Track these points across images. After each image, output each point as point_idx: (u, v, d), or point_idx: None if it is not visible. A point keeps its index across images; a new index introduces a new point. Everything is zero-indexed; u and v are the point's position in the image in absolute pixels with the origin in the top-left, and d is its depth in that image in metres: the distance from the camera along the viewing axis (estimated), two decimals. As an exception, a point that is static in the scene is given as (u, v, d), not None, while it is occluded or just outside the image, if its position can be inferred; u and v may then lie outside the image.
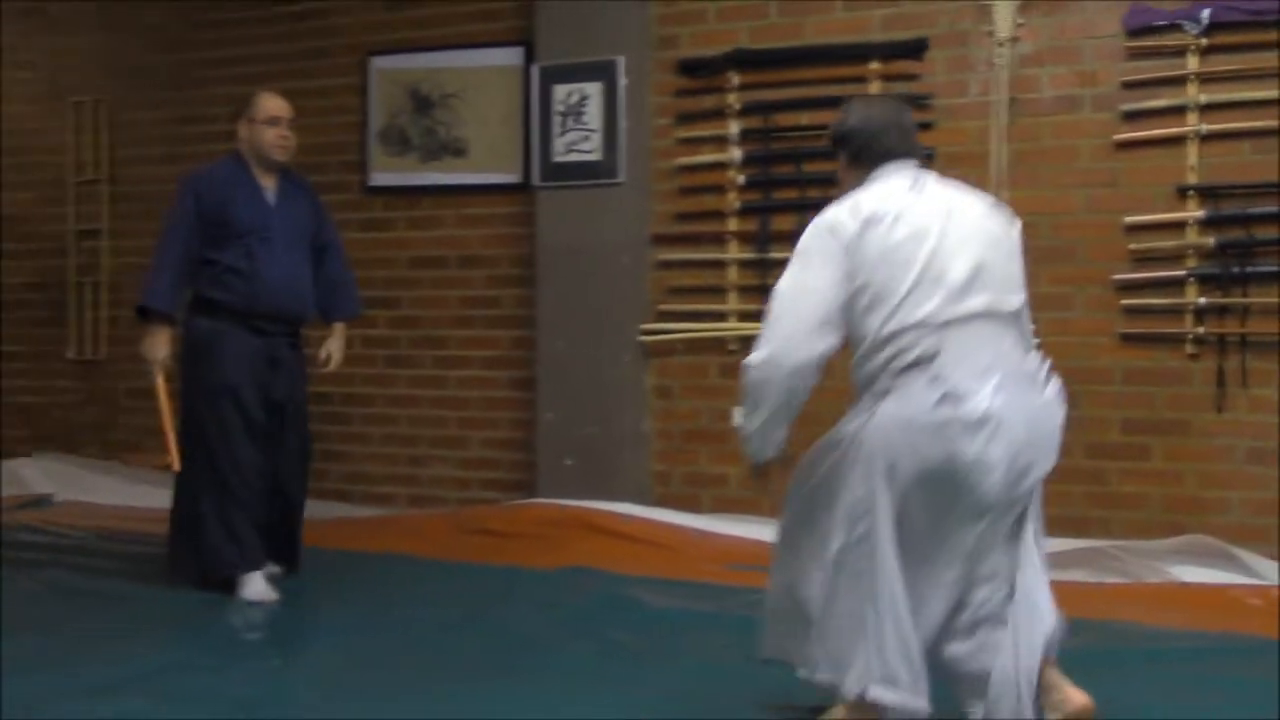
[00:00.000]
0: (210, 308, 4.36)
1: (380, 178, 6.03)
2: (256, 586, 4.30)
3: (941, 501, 2.62)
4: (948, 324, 2.62)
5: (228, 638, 4.01)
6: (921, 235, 2.67)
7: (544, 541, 5.07)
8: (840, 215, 2.73)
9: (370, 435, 6.14)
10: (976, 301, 2.66)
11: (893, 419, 2.62)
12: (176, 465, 4.33)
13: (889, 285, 2.64)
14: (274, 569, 4.48)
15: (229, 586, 4.30)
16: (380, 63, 6.02)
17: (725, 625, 3.98)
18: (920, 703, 2.60)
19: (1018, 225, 2.92)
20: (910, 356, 2.62)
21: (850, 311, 2.69)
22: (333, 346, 4.67)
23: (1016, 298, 2.79)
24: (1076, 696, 2.73)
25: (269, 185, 4.48)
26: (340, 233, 5.97)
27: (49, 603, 4.36)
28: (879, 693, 2.59)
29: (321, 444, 6.14)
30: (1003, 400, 2.59)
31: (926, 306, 2.62)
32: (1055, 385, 2.75)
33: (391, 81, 5.99)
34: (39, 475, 6.52)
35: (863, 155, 2.88)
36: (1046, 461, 2.71)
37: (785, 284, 2.73)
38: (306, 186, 4.72)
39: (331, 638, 3.99)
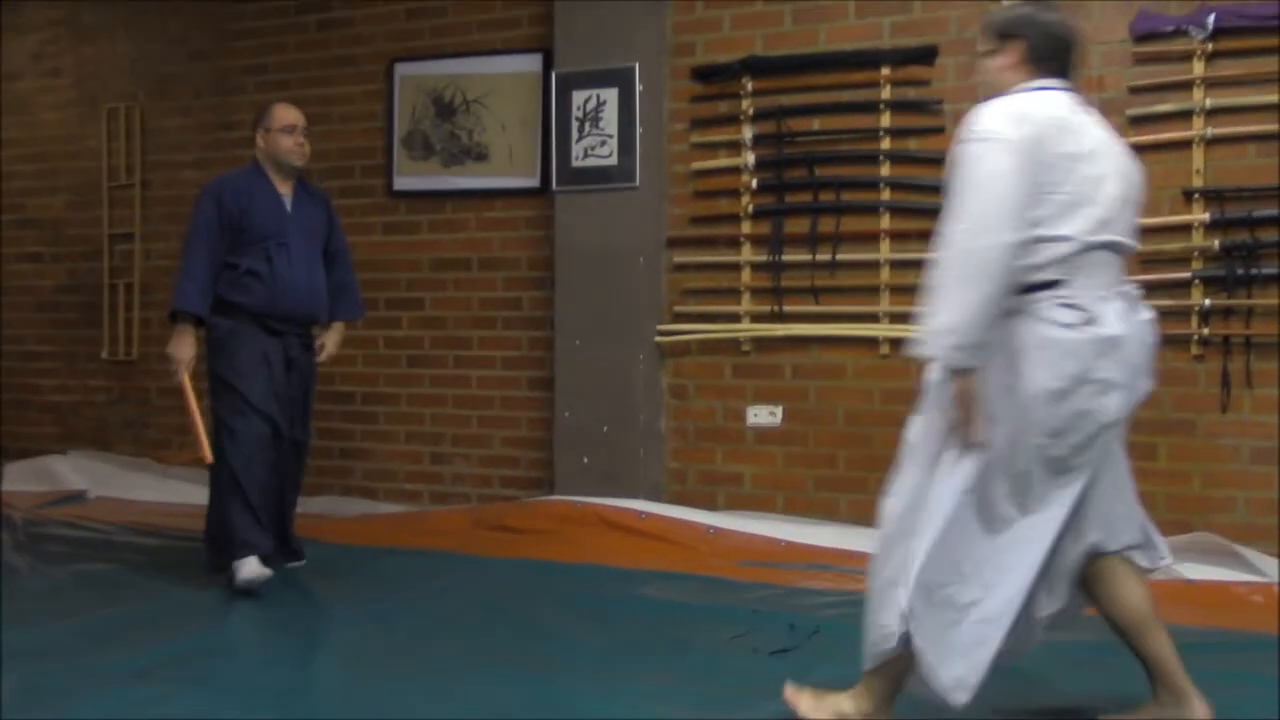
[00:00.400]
0: (230, 309, 4.54)
1: (404, 182, 6.16)
2: (251, 567, 4.41)
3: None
4: (1087, 247, 2.70)
5: (256, 627, 4.16)
6: (1087, 156, 2.72)
7: (561, 537, 5.19)
8: (1023, 110, 2.72)
9: (394, 434, 6.27)
10: (1113, 232, 2.75)
11: (1032, 339, 2.67)
12: (209, 456, 4.48)
13: (1043, 192, 2.67)
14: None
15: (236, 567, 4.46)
16: (404, 69, 6.15)
17: (734, 619, 4.09)
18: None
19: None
20: (1042, 274, 2.69)
21: None
22: (328, 339, 4.86)
23: (1134, 238, 2.87)
24: (1200, 709, 2.87)
25: (286, 192, 4.67)
26: (365, 235, 6.22)
27: (83, 593, 4.51)
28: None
29: (346, 442, 6.33)
30: (1124, 324, 2.72)
31: (1074, 224, 2.68)
32: (1148, 309, 2.86)
33: (415, 88, 6.12)
34: (74, 472, 6.69)
35: (1043, 57, 2.86)
36: (1149, 382, 2.85)
37: (976, 171, 2.68)
38: (320, 194, 4.93)
39: (354, 628, 4.10)
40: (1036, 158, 2.66)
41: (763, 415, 5.42)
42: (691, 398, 5.56)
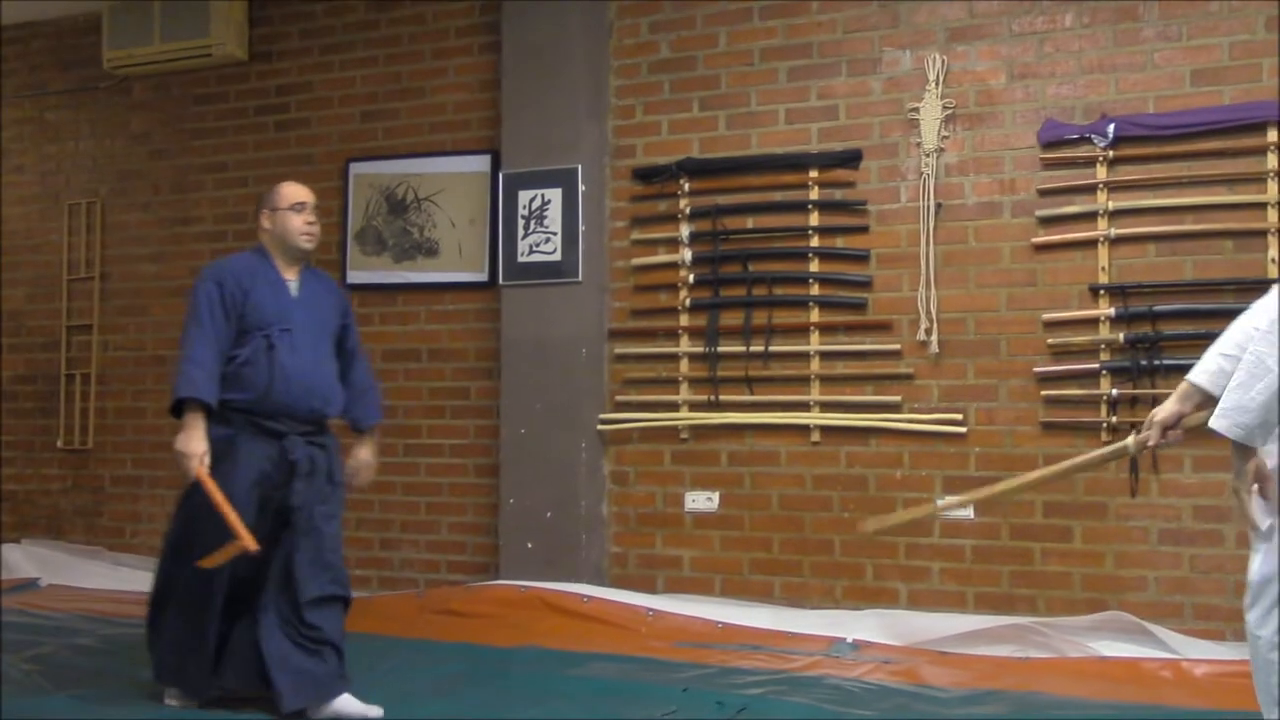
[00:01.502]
0: (222, 413, 4.01)
1: (357, 275, 6.38)
2: (173, 694, 4.18)
3: None
4: None
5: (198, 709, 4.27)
6: None
7: (505, 621, 5.33)
8: None
9: (345, 520, 6.38)
10: None
11: None
12: (253, 543, 3.82)
13: None
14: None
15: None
16: (358, 168, 6.40)
17: (667, 698, 4.25)
18: None
19: None
20: None
21: None
22: (364, 456, 4.41)
23: None
24: None
25: (291, 277, 4.23)
26: None
27: (35, 678, 4.61)
28: None
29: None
30: None
31: None
32: None
33: (368, 185, 6.38)
34: (27, 560, 6.78)
35: None
36: None
37: None
38: (330, 282, 4.47)
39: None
40: None
41: (700, 500, 5.62)
42: (632, 484, 5.76)
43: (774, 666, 4.70)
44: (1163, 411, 3.06)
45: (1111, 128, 4.94)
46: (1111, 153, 4.97)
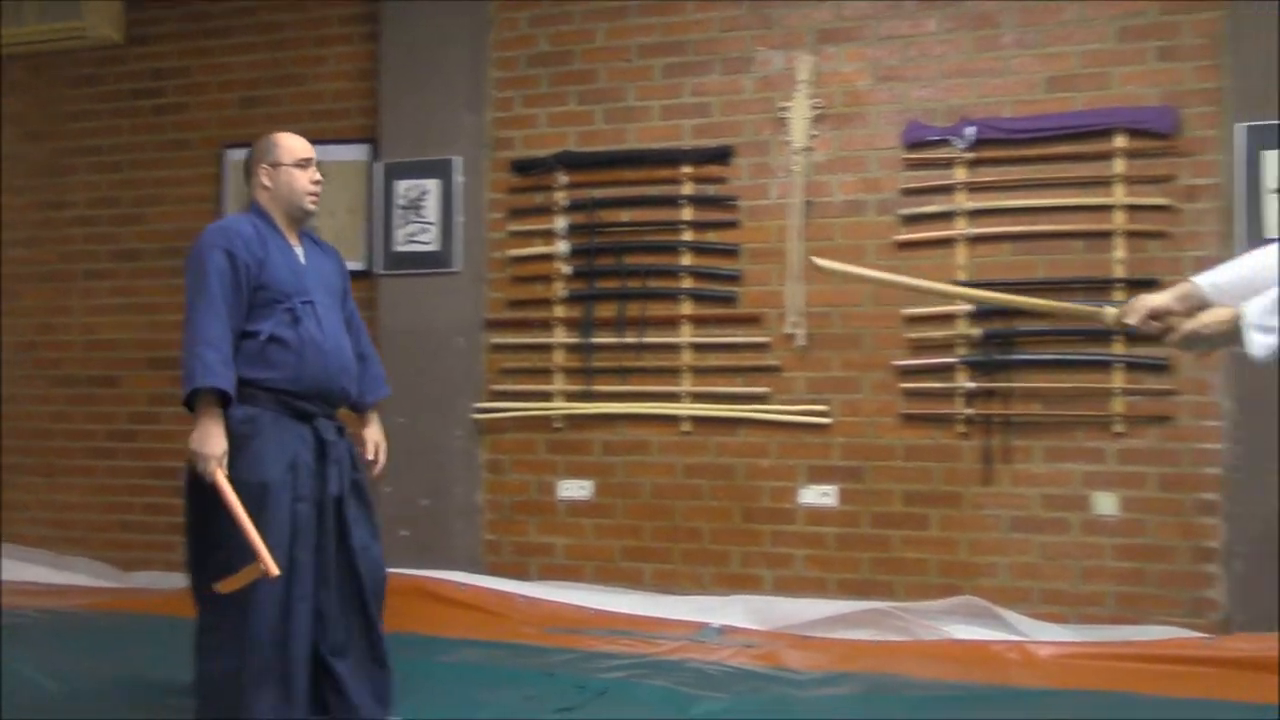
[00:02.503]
0: (246, 391, 3.49)
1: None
2: None
3: None
4: None
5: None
6: None
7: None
8: None
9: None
10: None
11: None
12: (274, 567, 3.28)
13: None
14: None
15: None
16: (235, 154, 6.34)
17: (531, 681, 4.34)
18: None
19: None
20: None
21: None
22: (376, 436, 4.01)
23: None
24: None
25: (295, 243, 3.72)
26: None
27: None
28: None
29: (172, 517, 6.39)
30: None
31: None
32: None
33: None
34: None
35: None
36: None
37: None
38: (329, 247, 3.96)
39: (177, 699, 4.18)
40: None
41: (573, 489, 5.71)
42: (507, 472, 5.82)
43: (640, 651, 4.81)
44: (1155, 300, 2.95)
45: (971, 130, 5.12)
46: (970, 154, 5.15)
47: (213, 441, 3.37)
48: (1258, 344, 2.68)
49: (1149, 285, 4.90)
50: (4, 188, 6.88)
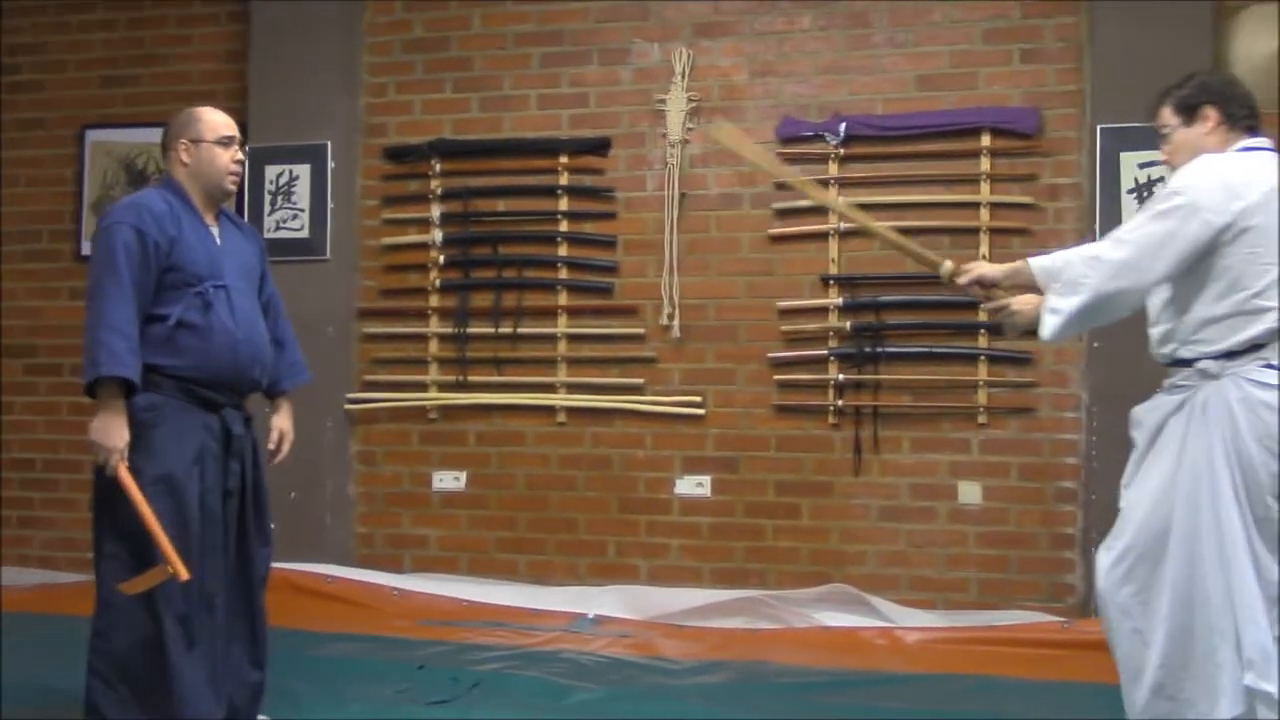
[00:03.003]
0: (151, 378, 3.28)
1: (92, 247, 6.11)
2: None
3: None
4: None
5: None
6: None
7: (245, 602, 5.24)
8: (1235, 179, 2.82)
9: (78, 501, 6.14)
10: None
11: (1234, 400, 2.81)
12: (184, 571, 3.17)
13: (1260, 262, 2.80)
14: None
15: None
16: (95, 135, 6.14)
17: (403, 675, 4.29)
18: None
19: None
20: (1244, 338, 2.83)
21: (1193, 278, 2.85)
22: (284, 425, 3.79)
23: None
24: None
25: (211, 223, 3.51)
26: (51, 300, 6.16)
27: None
28: None
29: (25, 510, 6.17)
30: None
31: None
32: None
33: (106, 154, 6.13)
34: None
35: (1238, 117, 2.95)
36: None
37: (1157, 226, 2.81)
38: (247, 227, 3.79)
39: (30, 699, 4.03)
40: (1248, 231, 2.80)
41: (448, 480, 5.66)
42: (379, 464, 5.74)
43: (515, 643, 4.79)
44: (988, 269, 3.22)
45: (843, 127, 5.21)
46: (843, 150, 5.24)
47: (115, 433, 3.20)
48: (1046, 324, 2.95)
49: (1012, 281, 5.07)
50: None
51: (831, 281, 5.24)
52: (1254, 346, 2.82)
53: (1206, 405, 2.84)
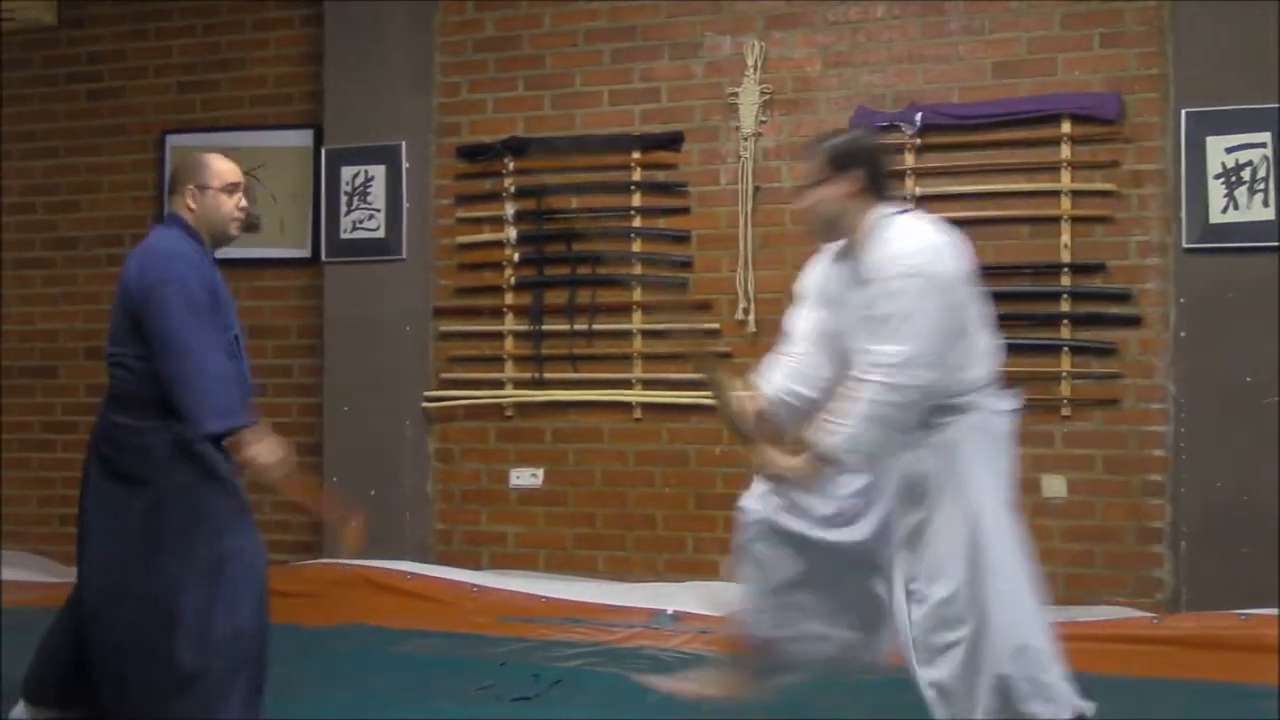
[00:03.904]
0: (184, 441, 3.28)
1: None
2: None
3: None
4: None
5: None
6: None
7: (326, 600, 5.29)
8: (944, 245, 3.03)
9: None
10: None
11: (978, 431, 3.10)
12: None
13: (968, 325, 3.07)
14: None
15: None
16: (175, 140, 6.23)
17: (485, 672, 4.31)
18: None
19: None
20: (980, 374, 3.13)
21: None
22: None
23: None
24: None
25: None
26: None
27: None
28: None
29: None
30: None
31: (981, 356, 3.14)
32: None
33: (185, 158, 6.19)
34: None
35: (879, 184, 3.12)
36: None
37: (916, 309, 2.93)
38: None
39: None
40: (960, 295, 3.02)
41: (525, 477, 5.68)
42: (457, 461, 5.77)
43: (594, 639, 4.79)
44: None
45: (919, 116, 5.14)
46: (919, 141, 5.17)
47: (274, 450, 3.35)
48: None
49: (1095, 270, 5.00)
50: (-66, 175, 6.69)
51: (909, 274, 5.17)
52: (985, 382, 3.13)
53: (958, 435, 3.07)
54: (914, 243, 3.00)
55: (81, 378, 6.37)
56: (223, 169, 3.54)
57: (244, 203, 3.57)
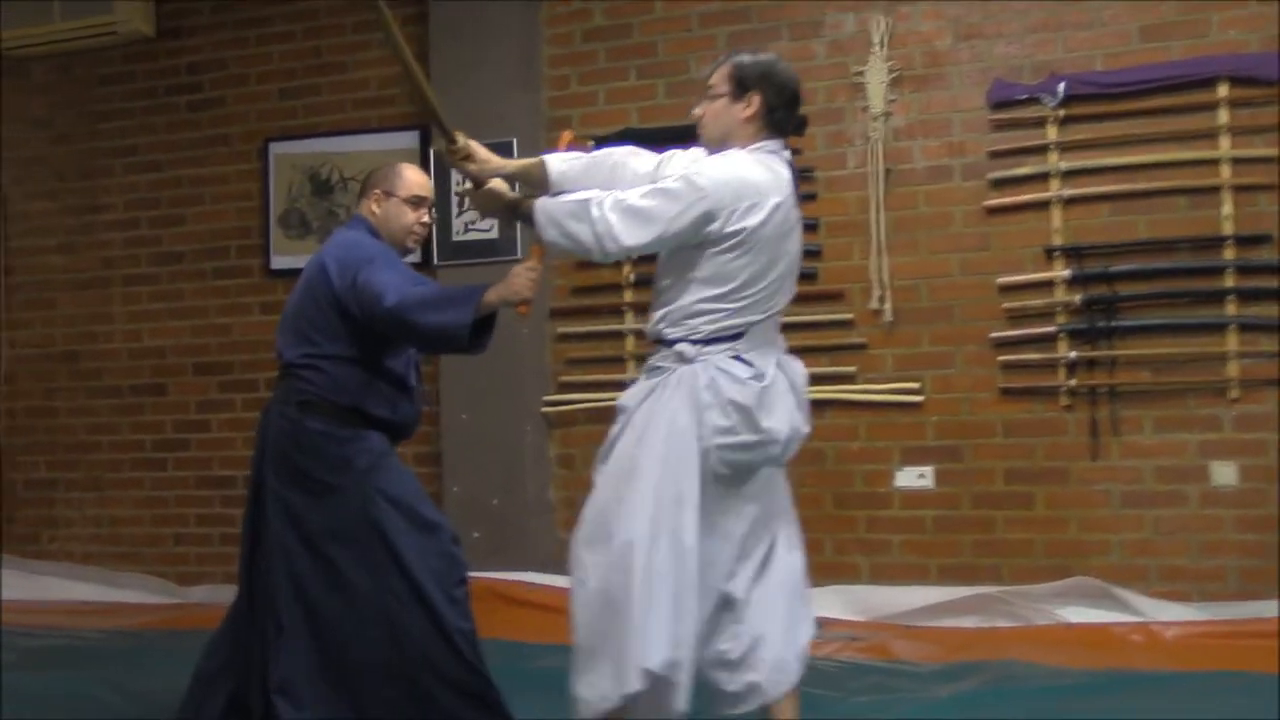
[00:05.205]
0: (369, 426, 3.38)
1: (282, 261, 6.08)
2: None
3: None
4: (769, 316, 2.94)
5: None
6: (788, 233, 2.92)
7: (454, 614, 5.11)
8: (753, 181, 2.83)
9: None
10: (784, 300, 3.00)
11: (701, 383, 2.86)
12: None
13: (756, 274, 2.86)
14: None
15: None
16: (279, 148, 6.11)
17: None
18: None
19: None
20: (721, 327, 2.89)
21: (691, 262, 2.88)
22: None
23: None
24: None
25: None
26: (243, 316, 6.19)
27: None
28: None
29: (228, 528, 6.16)
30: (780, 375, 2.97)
31: (778, 301, 2.94)
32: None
33: (290, 166, 6.09)
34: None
35: (780, 121, 2.96)
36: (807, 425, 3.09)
37: (669, 204, 2.81)
38: None
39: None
40: (747, 233, 2.82)
41: (652, 481, 5.45)
42: (579, 467, 5.57)
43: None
44: (490, 160, 3.22)
45: (1062, 86, 4.86)
46: (1062, 112, 4.89)
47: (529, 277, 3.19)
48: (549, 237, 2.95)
49: (1260, 242, 4.69)
50: (38, 193, 6.62)
51: (1056, 253, 4.89)
52: (730, 337, 2.87)
53: (675, 384, 2.87)
54: (728, 167, 2.86)
55: (191, 394, 6.27)
56: (412, 180, 3.53)
57: (426, 219, 3.54)
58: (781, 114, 2.97)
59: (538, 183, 3.17)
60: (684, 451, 2.85)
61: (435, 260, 5.64)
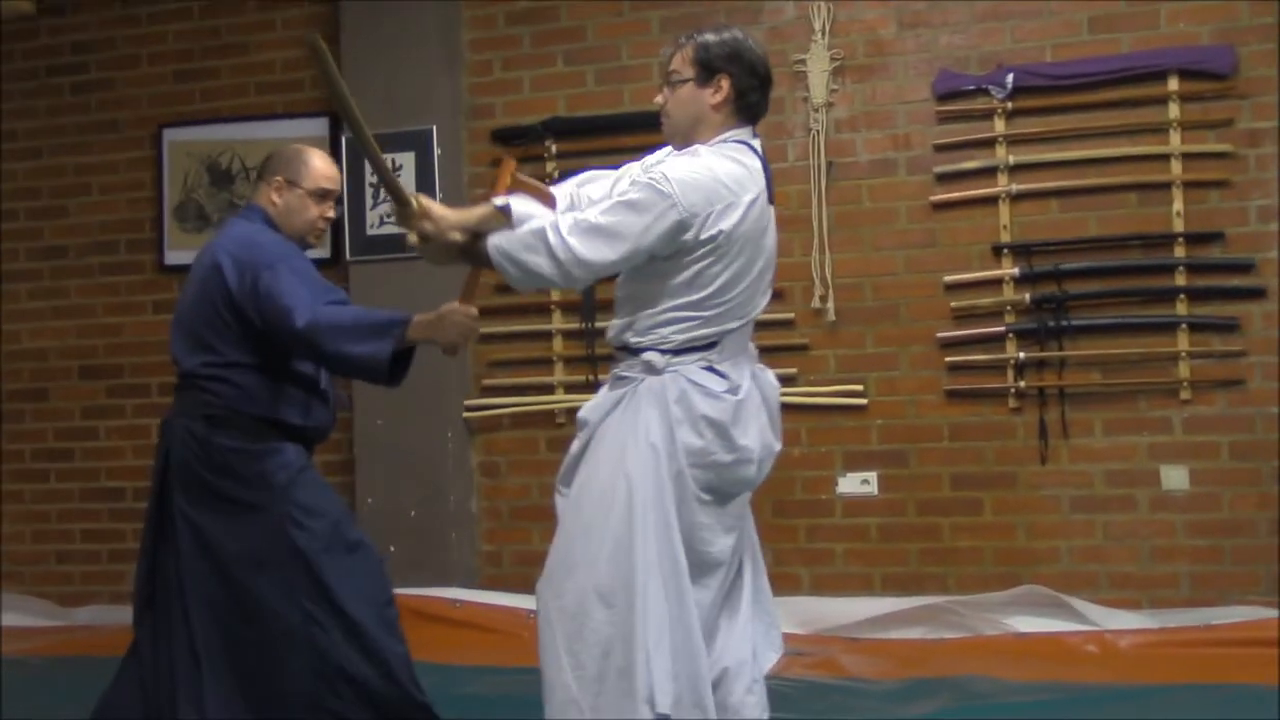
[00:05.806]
0: (282, 435, 3.13)
1: (177, 256, 5.65)
2: None
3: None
4: (746, 323, 2.70)
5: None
6: (761, 233, 2.69)
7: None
8: (725, 180, 2.60)
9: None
10: (757, 307, 2.75)
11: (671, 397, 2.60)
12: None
13: (733, 278, 2.61)
14: None
15: None
16: (173, 135, 5.70)
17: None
18: None
19: None
20: (692, 337, 2.63)
21: (662, 270, 2.61)
22: None
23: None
24: None
25: None
26: (134, 315, 5.79)
27: None
28: None
29: (117, 544, 5.72)
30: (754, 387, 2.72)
31: (756, 304, 2.72)
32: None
33: (186, 154, 5.68)
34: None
35: (754, 105, 2.75)
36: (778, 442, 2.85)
37: (636, 217, 2.53)
38: None
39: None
40: (721, 237, 2.57)
41: (581, 490, 5.18)
42: (504, 475, 5.28)
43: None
44: (456, 215, 2.83)
45: (1010, 78, 4.71)
46: (1010, 104, 4.75)
47: (461, 319, 3.06)
48: (511, 276, 2.67)
49: (1212, 239, 4.60)
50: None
51: (1004, 250, 4.75)
52: (703, 347, 2.63)
53: (645, 396, 2.62)
54: (695, 167, 2.60)
55: (76, 400, 5.82)
56: (320, 170, 3.22)
57: (330, 214, 3.26)
58: (754, 97, 2.74)
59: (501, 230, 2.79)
60: (660, 472, 2.57)
61: (347, 255, 5.30)
